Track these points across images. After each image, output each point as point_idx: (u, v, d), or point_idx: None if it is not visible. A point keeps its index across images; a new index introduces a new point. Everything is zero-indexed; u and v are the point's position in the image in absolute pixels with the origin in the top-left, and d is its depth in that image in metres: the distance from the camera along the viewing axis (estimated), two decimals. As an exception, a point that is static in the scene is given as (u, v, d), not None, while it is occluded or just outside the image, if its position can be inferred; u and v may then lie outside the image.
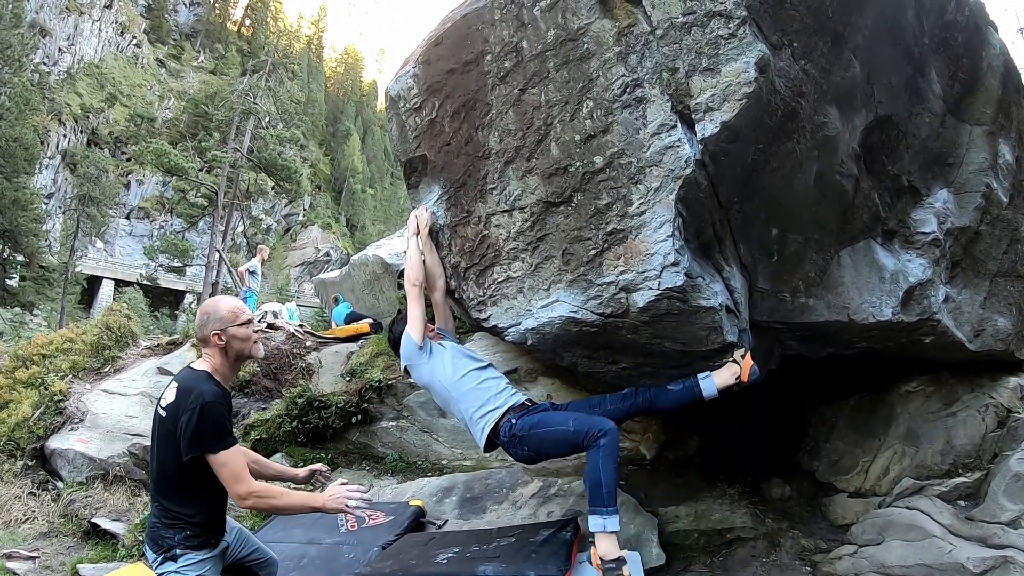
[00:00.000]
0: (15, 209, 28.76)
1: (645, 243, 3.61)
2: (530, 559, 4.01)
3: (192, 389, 2.85)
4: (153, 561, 2.93)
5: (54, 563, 6.13)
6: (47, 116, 48.20)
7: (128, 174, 53.52)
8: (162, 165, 31.08)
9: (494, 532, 4.82)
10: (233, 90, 37.53)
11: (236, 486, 2.76)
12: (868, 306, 4.54)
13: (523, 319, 4.23)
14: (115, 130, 55.17)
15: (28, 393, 8.56)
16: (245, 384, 7.78)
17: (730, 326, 3.88)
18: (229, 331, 3.04)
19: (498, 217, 4.22)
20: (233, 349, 3.07)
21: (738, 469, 5.82)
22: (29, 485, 7.41)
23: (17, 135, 28.87)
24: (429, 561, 4.21)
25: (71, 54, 56.05)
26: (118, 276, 45.08)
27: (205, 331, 3.03)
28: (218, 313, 3.06)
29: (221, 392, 2.95)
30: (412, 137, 4.67)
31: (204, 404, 2.78)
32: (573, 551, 4.29)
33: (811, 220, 4.23)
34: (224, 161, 33.07)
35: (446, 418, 6.47)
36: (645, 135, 3.62)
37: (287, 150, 37.79)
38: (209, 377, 2.97)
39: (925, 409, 5.50)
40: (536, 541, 4.35)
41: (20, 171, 29.91)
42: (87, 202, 36.23)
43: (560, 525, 4.65)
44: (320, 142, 75.88)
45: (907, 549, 4.36)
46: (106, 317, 10.48)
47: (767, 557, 4.98)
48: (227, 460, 2.78)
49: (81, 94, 54.62)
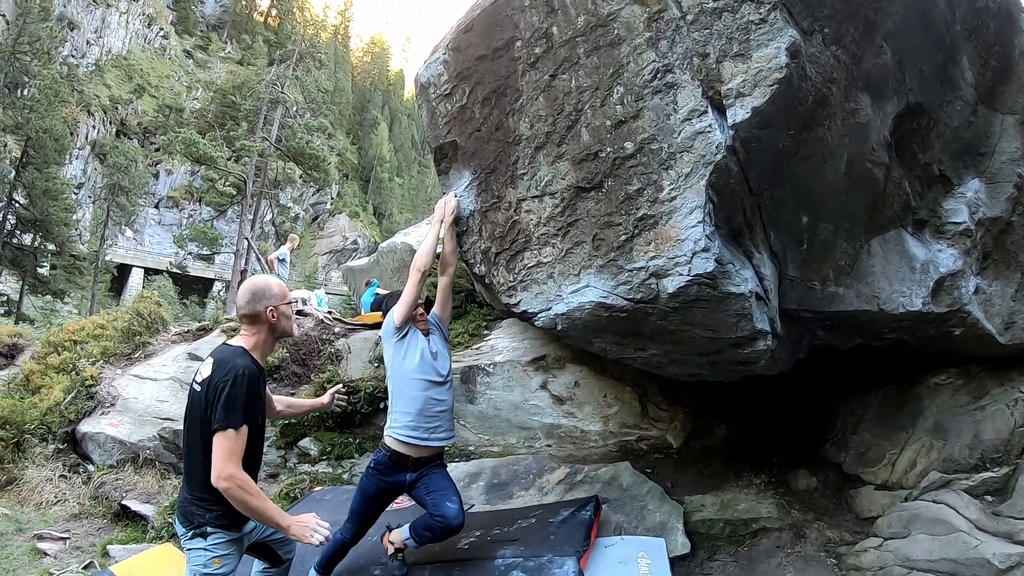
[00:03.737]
0: (46, 199, 29.14)
1: (675, 229, 3.62)
2: (548, 541, 4.05)
3: (229, 362, 2.91)
4: (183, 536, 2.99)
5: (84, 544, 6.23)
6: (76, 108, 48.79)
7: (157, 164, 54.07)
8: (191, 154, 31.25)
9: (516, 512, 4.86)
10: (260, 80, 37.64)
11: (225, 464, 2.74)
12: (898, 296, 4.50)
13: (553, 304, 4.26)
14: (144, 121, 55.72)
15: (60, 378, 8.72)
16: (275, 369, 7.86)
17: (760, 313, 3.88)
18: (280, 308, 3.13)
19: (529, 203, 4.25)
20: (280, 327, 3.15)
21: (764, 459, 5.81)
22: (60, 468, 7.55)
23: (47, 126, 29.18)
24: (451, 547, 4.23)
25: (99, 46, 56.62)
26: (148, 264, 45.55)
27: (257, 307, 3.08)
28: (271, 290, 3.13)
29: (256, 367, 3.01)
30: (442, 123, 4.69)
31: (239, 375, 2.84)
32: (593, 531, 4.31)
33: (841, 208, 4.21)
34: (252, 150, 33.13)
35: (473, 404, 6.53)
36: (676, 121, 3.62)
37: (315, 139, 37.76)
38: (245, 353, 3.02)
39: (953, 403, 5.43)
40: (555, 521, 4.38)
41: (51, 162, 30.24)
42: (117, 192, 36.62)
43: (580, 504, 4.66)
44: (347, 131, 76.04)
45: (933, 543, 4.32)
46: (137, 304, 10.62)
47: (792, 548, 4.97)
48: (231, 438, 2.79)
49: (110, 86, 55.22)
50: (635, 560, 4.23)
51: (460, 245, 4.70)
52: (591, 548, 4.02)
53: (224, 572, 2.95)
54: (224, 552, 2.94)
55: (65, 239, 31.19)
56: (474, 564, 3.93)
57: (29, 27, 29.81)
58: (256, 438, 3.03)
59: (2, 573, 5.50)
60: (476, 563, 3.94)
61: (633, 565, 4.17)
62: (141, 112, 56.26)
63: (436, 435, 3.97)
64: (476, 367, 6.59)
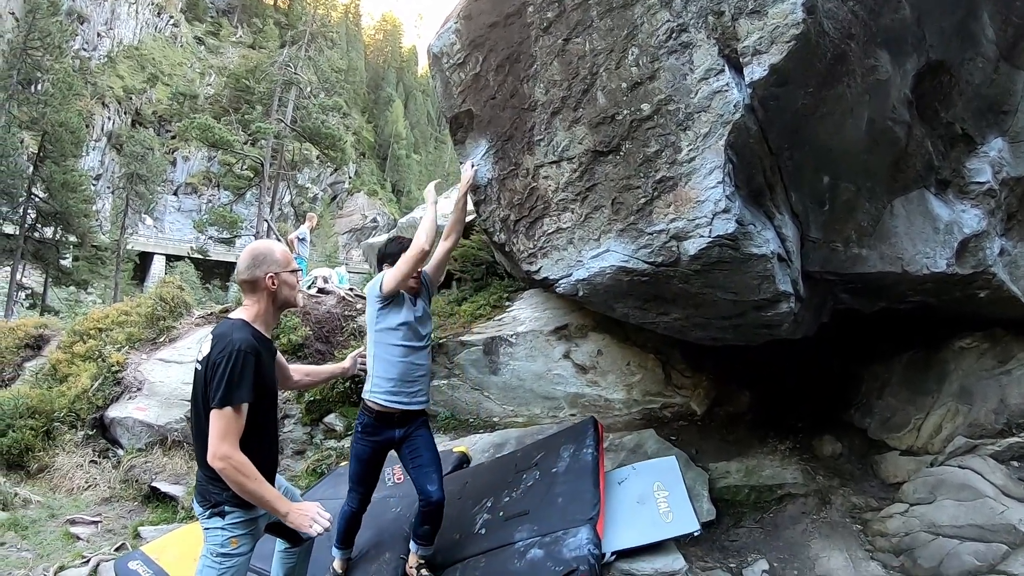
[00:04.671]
0: (65, 192, 29.34)
1: (695, 190, 3.58)
2: (556, 506, 4.03)
3: (226, 337, 2.76)
4: (200, 515, 2.91)
5: (116, 526, 6.31)
6: (91, 100, 49.18)
7: (174, 151, 54.43)
8: (207, 139, 31.35)
9: (518, 461, 4.85)
10: (273, 62, 37.46)
11: (220, 444, 2.61)
12: (922, 257, 4.44)
13: (574, 270, 4.24)
14: (158, 109, 56.03)
15: (86, 366, 8.81)
16: (298, 347, 7.91)
17: (783, 275, 3.84)
18: (282, 276, 2.97)
19: (546, 168, 4.22)
20: (281, 295, 2.99)
21: (789, 425, 5.79)
22: (90, 454, 7.67)
23: (63, 120, 29.28)
24: (469, 534, 4.25)
25: (110, 38, 56.94)
26: (169, 251, 46.02)
27: (257, 273, 2.92)
28: (273, 256, 2.97)
29: (256, 340, 2.83)
30: (457, 93, 4.67)
31: (235, 351, 2.69)
32: (600, 473, 4.29)
33: (863, 168, 4.14)
34: (268, 132, 33.16)
35: (497, 375, 6.55)
36: (692, 80, 3.57)
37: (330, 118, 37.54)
38: (246, 325, 2.86)
39: (979, 367, 5.36)
40: (560, 472, 4.36)
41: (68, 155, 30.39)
42: (135, 180, 36.78)
43: (579, 439, 4.64)
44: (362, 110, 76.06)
45: (959, 509, 4.29)
46: (159, 289, 10.69)
47: (817, 514, 4.96)
48: (227, 417, 2.65)
49: (123, 76, 55.56)
50: (652, 495, 4.24)
51: (479, 214, 4.68)
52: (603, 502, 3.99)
53: (242, 552, 2.86)
54: (242, 532, 2.85)
55: (86, 230, 31.47)
56: (497, 554, 3.91)
57: (39, 23, 29.92)
58: (266, 413, 2.94)
59: (37, 558, 5.57)
60: (498, 552, 3.92)
61: (651, 502, 4.18)
62: (155, 101, 56.63)
63: (417, 399, 3.94)
64: (498, 338, 6.59)
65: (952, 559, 4.13)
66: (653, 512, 4.09)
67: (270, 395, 2.98)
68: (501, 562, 3.76)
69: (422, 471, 3.84)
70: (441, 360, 6.90)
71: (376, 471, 4.07)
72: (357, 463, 3.98)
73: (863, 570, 4.43)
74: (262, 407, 2.85)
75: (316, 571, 4.12)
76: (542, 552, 3.64)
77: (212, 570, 2.81)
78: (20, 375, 9.79)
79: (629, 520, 4.08)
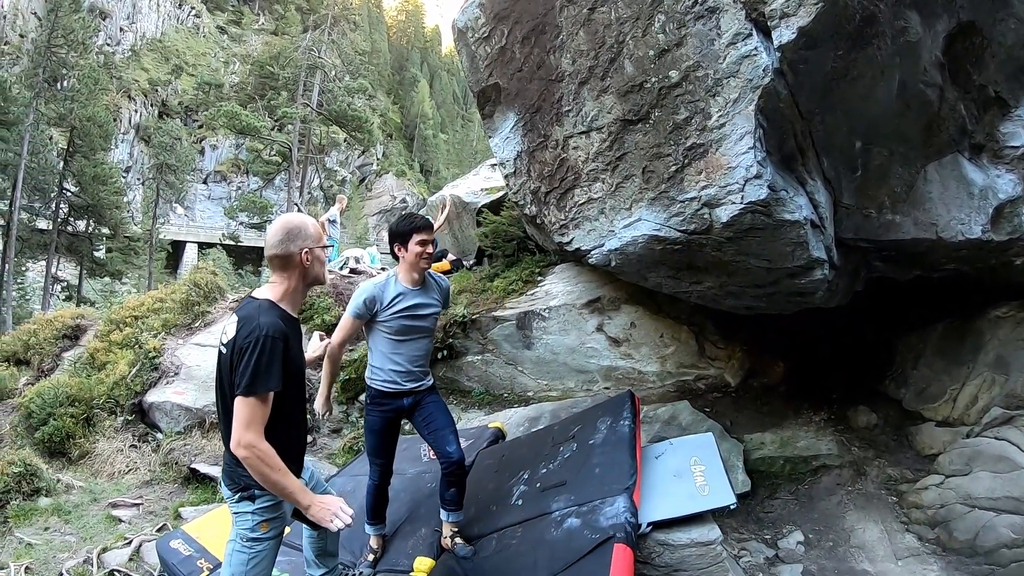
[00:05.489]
0: (96, 185, 29.79)
1: (726, 156, 3.56)
2: (594, 477, 4.02)
3: (252, 320, 2.59)
4: (229, 499, 2.80)
5: (157, 508, 6.41)
6: (117, 94, 49.70)
7: (201, 140, 54.85)
8: (234, 127, 31.64)
9: (554, 434, 4.84)
10: (296, 47, 37.30)
11: (245, 432, 2.50)
12: (956, 223, 4.37)
13: (606, 240, 4.24)
14: (184, 99, 56.53)
15: (123, 353, 8.92)
16: (332, 327, 7.91)
17: (816, 241, 3.80)
18: (315, 252, 2.79)
19: (576, 139, 4.21)
20: (313, 272, 2.82)
21: (823, 396, 5.76)
22: (130, 439, 7.77)
23: (90, 115, 29.56)
24: (506, 504, 4.25)
25: (133, 32, 57.43)
26: (201, 239, 46.45)
27: (291, 247, 2.71)
28: (307, 230, 2.76)
29: (284, 323, 2.66)
30: (483, 67, 4.67)
31: (262, 336, 2.54)
32: (637, 445, 4.27)
33: (895, 132, 4.08)
34: (295, 117, 33.33)
35: (531, 350, 6.57)
36: (720, 46, 3.54)
37: (356, 100, 37.37)
38: (272, 307, 2.69)
39: (1015, 336, 5.23)
40: (596, 444, 4.35)
41: (97, 148, 30.78)
42: (164, 170, 37.12)
43: (616, 412, 4.61)
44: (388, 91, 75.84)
45: (995, 481, 4.25)
46: (193, 275, 10.77)
47: (852, 486, 4.95)
48: (253, 405, 2.53)
49: (147, 69, 56.09)
50: (689, 469, 4.22)
51: (509, 187, 4.66)
52: (639, 473, 3.98)
53: (272, 536, 2.77)
54: (272, 516, 2.75)
55: (118, 222, 32.01)
56: (533, 523, 3.91)
57: (62, 20, 30.05)
58: (293, 398, 2.81)
59: (81, 542, 5.69)
60: (535, 522, 3.91)
61: (688, 476, 4.16)
62: (181, 91, 57.13)
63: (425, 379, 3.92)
64: (531, 312, 6.60)
65: (988, 532, 4.11)
66: (689, 485, 4.07)
67: (297, 379, 2.86)
68: (538, 531, 3.78)
69: (438, 434, 3.82)
70: (474, 336, 6.93)
71: (392, 442, 4.03)
72: (371, 435, 3.96)
73: (898, 542, 4.42)
74: (289, 392, 2.73)
75: (354, 548, 4.20)
76: (579, 521, 3.65)
77: (242, 554, 2.75)
78: (59, 365, 9.93)
79: (665, 493, 4.07)
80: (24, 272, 31.91)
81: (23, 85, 30.50)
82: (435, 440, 3.83)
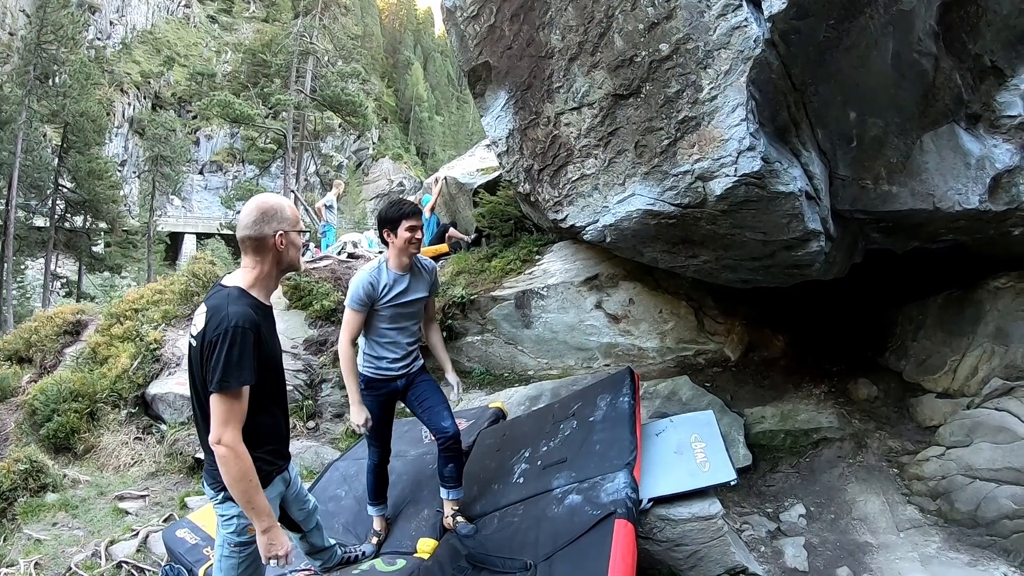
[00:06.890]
0: (91, 180, 29.76)
1: (719, 129, 3.53)
2: (594, 454, 4.03)
3: (221, 311, 2.45)
4: (212, 499, 2.69)
5: (163, 499, 6.43)
6: (109, 88, 49.51)
7: (196, 131, 54.72)
8: (228, 116, 31.46)
9: (555, 412, 4.85)
10: (288, 34, 37.01)
11: (223, 429, 2.39)
12: (954, 193, 4.33)
13: (600, 216, 4.22)
14: (177, 91, 56.26)
15: (125, 346, 8.90)
16: (332, 312, 7.99)
17: (811, 213, 3.78)
18: (291, 235, 2.65)
19: (567, 115, 4.18)
20: (287, 257, 2.67)
21: (823, 369, 5.76)
22: (134, 431, 7.78)
23: (83, 110, 29.50)
24: (508, 483, 4.27)
25: (123, 25, 57.09)
26: (199, 230, 46.36)
27: (266, 230, 2.56)
28: (283, 212, 2.61)
29: (254, 312, 2.52)
30: (473, 46, 4.63)
31: (231, 328, 2.40)
32: (637, 420, 4.28)
33: (890, 103, 4.04)
34: (289, 104, 33.23)
35: (530, 329, 6.58)
36: (710, 17, 3.50)
37: (349, 85, 36.97)
38: (242, 294, 2.54)
39: (1015, 306, 5.22)
40: (597, 421, 4.37)
41: (91, 143, 30.71)
42: (160, 162, 37.07)
43: (615, 388, 4.61)
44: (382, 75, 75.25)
45: (995, 452, 4.26)
46: (191, 266, 10.82)
47: (854, 458, 4.96)
48: (228, 401, 2.40)
49: (139, 62, 55.81)
50: (689, 446, 4.22)
51: (502, 165, 4.65)
52: (640, 449, 3.99)
53: None
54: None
55: (115, 216, 32.00)
56: (535, 501, 3.92)
57: (51, 17, 29.89)
58: (271, 389, 2.68)
59: (88, 535, 5.70)
60: (536, 499, 3.93)
61: (688, 453, 4.17)
62: (173, 83, 56.90)
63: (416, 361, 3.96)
64: (530, 291, 6.61)
65: (989, 502, 4.13)
66: (690, 462, 4.08)
67: (274, 369, 2.73)
68: (540, 508, 3.79)
69: (432, 411, 3.88)
70: (473, 316, 6.94)
71: (387, 424, 4.07)
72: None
73: (900, 514, 4.43)
74: (267, 384, 2.60)
75: (360, 532, 4.24)
76: (580, 498, 3.66)
77: (231, 559, 2.69)
78: (61, 361, 9.91)
79: (666, 469, 4.08)
80: (23, 270, 31.93)
81: (14, 83, 30.48)
82: (429, 417, 3.89)
